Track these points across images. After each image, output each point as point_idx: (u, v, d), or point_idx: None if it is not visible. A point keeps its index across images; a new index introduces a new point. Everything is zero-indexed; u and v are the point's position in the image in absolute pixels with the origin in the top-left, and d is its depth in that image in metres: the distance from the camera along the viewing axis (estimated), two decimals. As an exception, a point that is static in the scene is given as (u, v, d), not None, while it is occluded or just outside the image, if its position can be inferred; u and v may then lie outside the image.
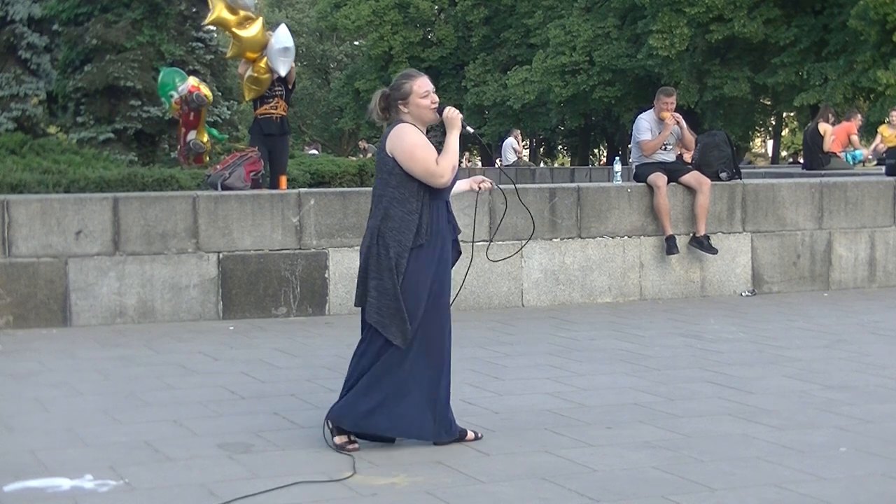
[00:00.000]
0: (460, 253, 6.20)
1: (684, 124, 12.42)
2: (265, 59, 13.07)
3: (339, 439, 5.99)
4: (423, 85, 5.95)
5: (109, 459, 5.81)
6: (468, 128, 6.09)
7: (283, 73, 13.25)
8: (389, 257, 5.83)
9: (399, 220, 5.86)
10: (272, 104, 13.27)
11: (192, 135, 14.12)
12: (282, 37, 13.28)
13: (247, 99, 13.18)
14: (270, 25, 13.83)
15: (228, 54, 13.14)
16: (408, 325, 5.84)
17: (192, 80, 13.64)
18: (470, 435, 6.16)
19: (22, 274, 10.13)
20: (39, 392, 7.51)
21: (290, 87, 13.61)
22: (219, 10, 13.21)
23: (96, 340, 9.56)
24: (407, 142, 5.87)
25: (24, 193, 12.43)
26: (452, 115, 5.97)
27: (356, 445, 5.97)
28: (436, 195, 5.95)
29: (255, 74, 13.08)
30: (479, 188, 6.39)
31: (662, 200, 11.88)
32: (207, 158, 14.87)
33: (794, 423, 6.62)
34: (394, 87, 6.02)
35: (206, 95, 13.78)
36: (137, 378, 7.98)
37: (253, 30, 13.16)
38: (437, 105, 5.97)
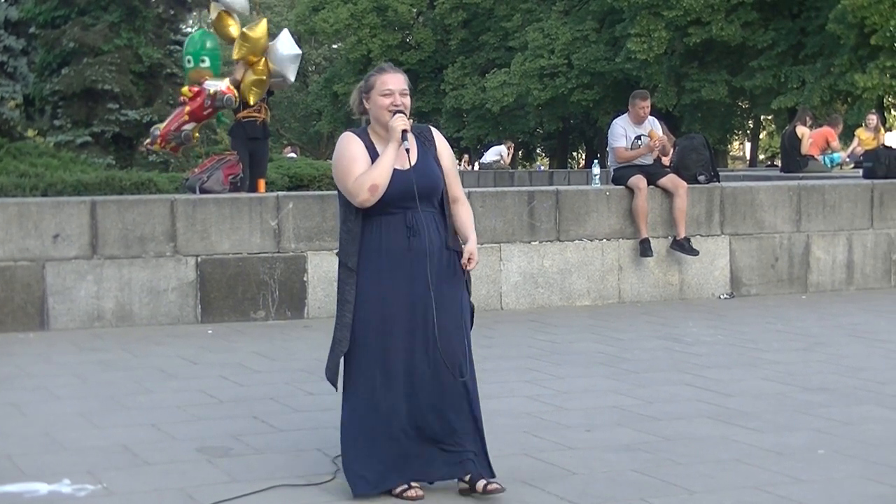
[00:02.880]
0: (463, 273, 5.34)
1: (662, 135, 12.39)
2: (263, 60, 13.02)
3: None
4: (387, 81, 5.29)
5: (87, 464, 5.78)
6: (405, 144, 5.21)
7: (292, 78, 13.33)
8: (338, 283, 5.27)
9: (344, 241, 5.25)
10: (255, 107, 13.24)
11: (190, 126, 13.95)
12: (288, 43, 13.31)
13: (251, 103, 13.10)
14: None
15: (235, 55, 13.02)
16: (339, 359, 5.25)
17: (229, 82, 13.46)
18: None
19: (-1, 278, 10.09)
20: (17, 396, 7.47)
21: (271, 91, 13.59)
22: (225, 22, 13.26)
23: (74, 344, 9.52)
24: (336, 152, 5.29)
25: (0, 197, 12.37)
26: (394, 124, 5.20)
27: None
28: (380, 210, 5.19)
29: (258, 77, 13.03)
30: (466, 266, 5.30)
31: (642, 203, 11.89)
32: (180, 154, 14.71)
33: (772, 425, 6.63)
34: (364, 78, 5.43)
35: (235, 99, 13.68)
36: (115, 382, 7.94)
37: (260, 30, 13.14)
38: (396, 108, 5.23)
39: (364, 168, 5.16)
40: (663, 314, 11.24)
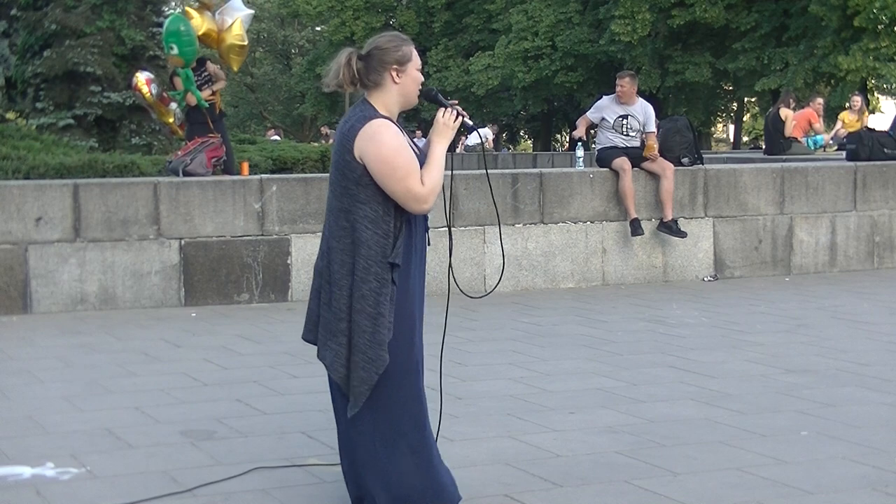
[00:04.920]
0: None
1: (656, 152, 12.30)
2: (234, 25, 13.29)
3: None
4: (417, 57, 4.54)
5: (71, 447, 5.77)
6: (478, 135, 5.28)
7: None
8: (365, 293, 4.43)
9: (375, 244, 4.39)
10: (210, 94, 13.39)
11: (154, 115, 14.06)
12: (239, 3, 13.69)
13: (235, 69, 13.49)
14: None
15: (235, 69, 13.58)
16: (375, 380, 4.49)
17: (138, 78, 13.49)
18: None
19: (-19, 261, 10.06)
20: (-1, 380, 7.46)
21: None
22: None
23: (57, 328, 9.50)
24: (386, 147, 4.32)
25: (-18, 180, 12.32)
26: (446, 120, 4.55)
27: None
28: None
29: (231, 44, 13.28)
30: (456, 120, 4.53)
31: (628, 184, 11.89)
32: (181, 133, 14.78)
33: (755, 407, 6.65)
34: (383, 47, 4.45)
35: (142, 94, 13.64)
36: (99, 365, 7.93)
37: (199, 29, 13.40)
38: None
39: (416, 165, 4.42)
40: (647, 296, 11.25)
